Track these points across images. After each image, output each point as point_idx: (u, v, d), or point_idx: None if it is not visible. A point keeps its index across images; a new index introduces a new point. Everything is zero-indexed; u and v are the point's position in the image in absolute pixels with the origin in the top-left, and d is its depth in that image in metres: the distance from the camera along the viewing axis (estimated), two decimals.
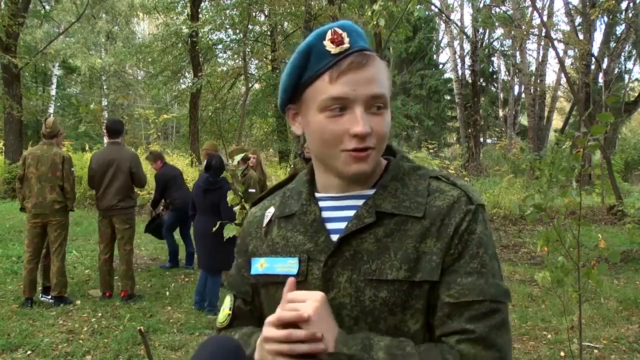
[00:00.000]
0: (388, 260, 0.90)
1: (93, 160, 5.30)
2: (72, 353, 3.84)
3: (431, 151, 15.59)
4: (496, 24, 18.29)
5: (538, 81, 21.33)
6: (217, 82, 18.06)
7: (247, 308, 1.06)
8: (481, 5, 20.17)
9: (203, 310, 4.88)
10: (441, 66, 29.78)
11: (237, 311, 1.06)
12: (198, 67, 16.42)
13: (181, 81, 20.21)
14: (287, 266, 0.97)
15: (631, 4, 15.41)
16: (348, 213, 0.96)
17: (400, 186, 0.96)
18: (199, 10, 16.33)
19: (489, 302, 0.87)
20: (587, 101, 15.32)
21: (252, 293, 1.05)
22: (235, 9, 15.50)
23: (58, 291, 4.93)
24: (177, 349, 4.00)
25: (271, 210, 1.06)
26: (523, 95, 23.91)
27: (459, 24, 24.40)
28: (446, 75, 28.47)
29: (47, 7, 19.08)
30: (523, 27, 15.84)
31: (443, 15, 22.67)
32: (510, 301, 0.92)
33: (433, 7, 20.03)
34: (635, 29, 14.12)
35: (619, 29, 17.45)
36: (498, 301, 0.88)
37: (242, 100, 16.63)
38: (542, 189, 2.69)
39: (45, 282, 5.11)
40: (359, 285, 0.90)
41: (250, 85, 16.29)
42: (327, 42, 0.91)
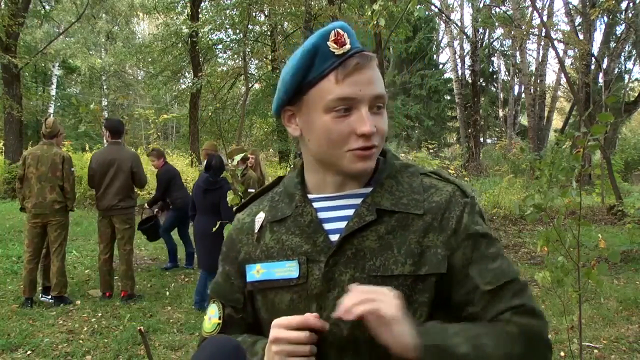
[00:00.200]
0: (392, 256, 0.92)
1: (93, 160, 5.29)
2: (72, 353, 3.85)
3: (431, 151, 15.58)
4: (496, 24, 18.28)
5: (538, 81, 21.32)
6: (217, 82, 18.05)
7: (239, 316, 1.05)
8: (481, 5, 20.17)
9: (203, 310, 4.88)
10: (441, 66, 29.80)
11: (228, 319, 1.04)
12: (198, 67, 16.42)
13: (181, 81, 20.22)
14: (286, 270, 0.96)
15: (631, 4, 15.42)
16: (344, 212, 0.97)
17: (395, 183, 0.98)
18: (199, 10, 16.33)
19: (517, 280, 0.93)
20: (587, 101, 15.32)
21: (243, 300, 1.04)
22: (235, 9, 15.49)
23: (58, 291, 4.93)
24: (177, 349, 4.00)
25: (261, 215, 1.05)
26: (523, 95, 23.91)
27: (459, 24, 24.41)
28: (446, 75, 28.49)
29: (47, 7, 19.06)
30: (523, 27, 15.82)
31: (443, 15, 22.68)
32: None
33: (433, 7, 20.05)
34: (635, 29, 14.12)
35: (619, 29, 17.46)
36: (519, 278, 0.95)
37: (242, 100, 16.63)
38: (542, 189, 2.69)
39: (45, 282, 5.11)
40: (363, 283, 0.91)
41: (250, 85, 16.28)
42: (331, 43, 0.92)
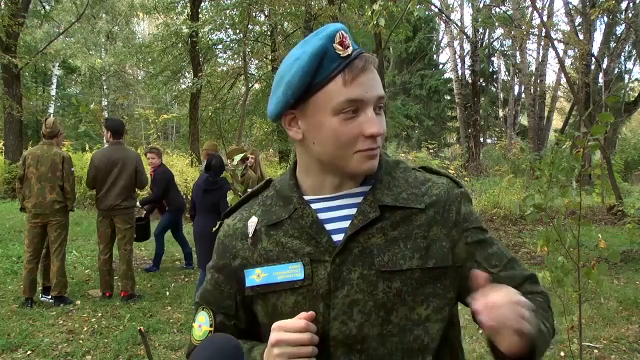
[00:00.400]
0: (399, 251, 0.93)
1: (95, 159, 5.25)
2: (72, 353, 3.85)
3: (431, 151, 15.60)
4: (496, 24, 18.31)
5: (538, 81, 21.31)
6: (217, 82, 18.05)
7: (231, 322, 1.04)
8: (481, 5, 20.16)
9: None
10: (441, 66, 29.84)
11: (220, 327, 1.03)
12: (198, 67, 16.40)
13: (181, 81, 20.20)
14: (290, 272, 0.96)
15: (631, 4, 15.40)
16: (343, 212, 0.97)
17: (391, 179, 1.00)
18: (199, 10, 16.31)
19: (512, 257, 1.02)
20: (587, 101, 15.31)
21: (235, 307, 1.03)
22: (235, 9, 15.50)
23: (58, 291, 4.93)
24: (177, 349, 4.00)
25: (254, 220, 1.03)
26: (523, 95, 23.92)
27: (459, 24, 24.41)
28: (446, 75, 28.51)
29: (47, 7, 19.08)
30: (523, 27, 15.82)
31: (443, 15, 22.68)
32: None
33: (433, 7, 20.02)
34: (635, 29, 14.10)
35: (619, 29, 17.47)
36: (509, 253, 1.04)
37: (242, 100, 16.62)
38: (542, 189, 2.70)
39: (45, 282, 5.11)
40: (372, 279, 0.92)
41: (250, 85, 16.27)
42: (337, 45, 0.92)
